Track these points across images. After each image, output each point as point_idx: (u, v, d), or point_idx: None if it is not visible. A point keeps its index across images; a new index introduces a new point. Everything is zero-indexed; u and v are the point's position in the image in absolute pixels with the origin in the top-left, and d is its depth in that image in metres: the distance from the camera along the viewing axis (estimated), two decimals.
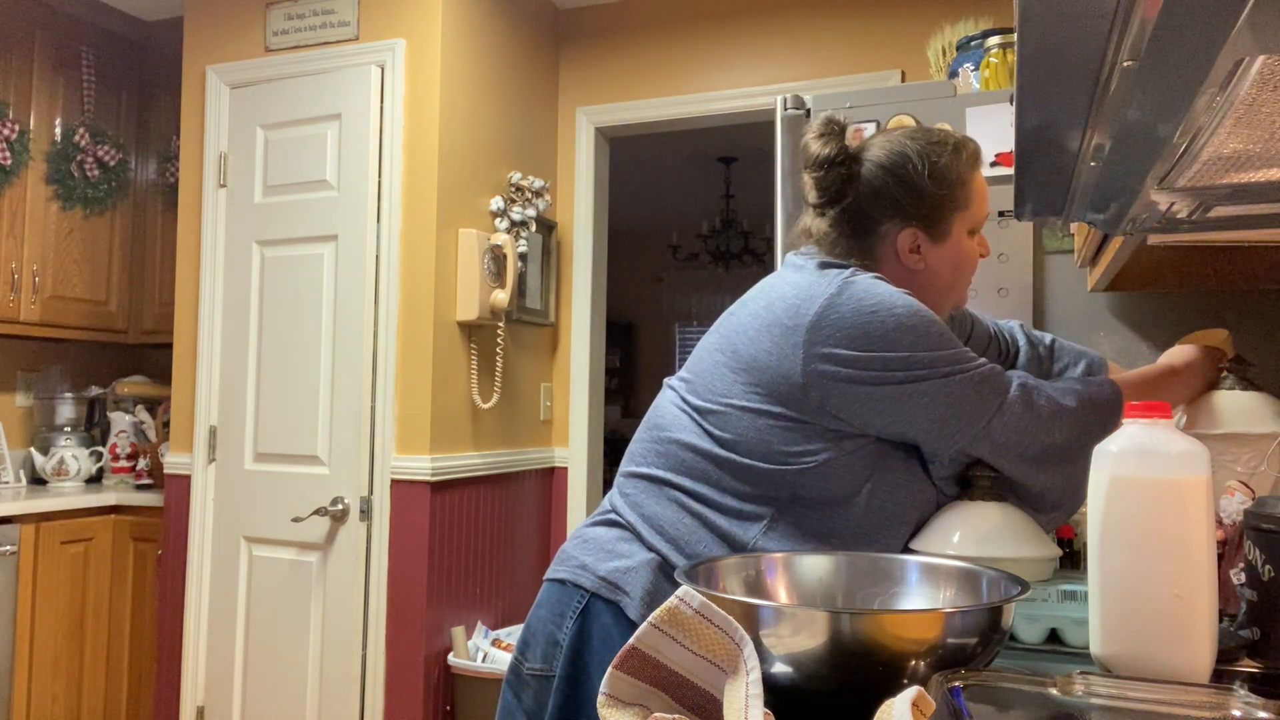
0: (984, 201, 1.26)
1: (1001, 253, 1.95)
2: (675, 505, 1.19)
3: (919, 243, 1.23)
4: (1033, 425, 1.14)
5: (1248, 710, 0.68)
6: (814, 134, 1.25)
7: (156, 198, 3.67)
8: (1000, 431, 1.14)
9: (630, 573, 1.18)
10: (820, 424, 1.15)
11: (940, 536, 1.21)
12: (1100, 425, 1.15)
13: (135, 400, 3.65)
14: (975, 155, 1.26)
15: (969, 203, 1.24)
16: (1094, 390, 1.18)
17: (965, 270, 1.27)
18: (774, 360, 1.16)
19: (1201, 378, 1.28)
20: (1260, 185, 0.82)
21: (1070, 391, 1.17)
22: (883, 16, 3.11)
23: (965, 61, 2.19)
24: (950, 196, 1.22)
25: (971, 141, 1.26)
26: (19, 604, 2.91)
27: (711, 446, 1.19)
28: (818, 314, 1.14)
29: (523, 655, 1.23)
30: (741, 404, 1.17)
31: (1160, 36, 0.55)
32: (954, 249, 1.24)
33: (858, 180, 1.24)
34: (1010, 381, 1.15)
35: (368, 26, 2.94)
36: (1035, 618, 1.07)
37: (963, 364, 1.15)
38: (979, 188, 1.25)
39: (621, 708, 0.72)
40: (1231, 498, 1.08)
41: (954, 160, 1.23)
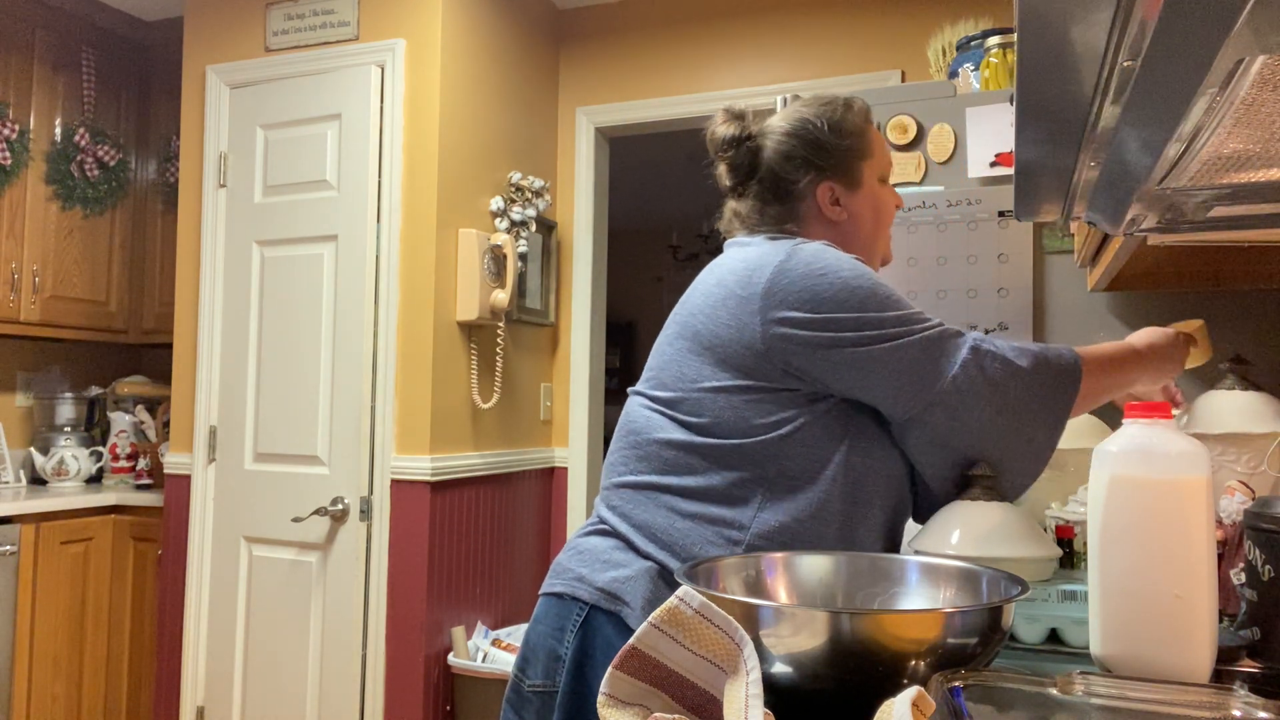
0: (885, 150, 1.33)
1: (1001, 253, 1.95)
2: (665, 509, 1.18)
3: (837, 194, 1.28)
4: (985, 388, 1.12)
5: (1248, 710, 0.68)
6: (717, 123, 1.34)
7: (156, 198, 3.67)
8: (953, 394, 1.12)
9: (629, 582, 1.16)
10: (788, 388, 1.16)
11: (940, 536, 1.21)
12: (1056, 389, 1.13)
13: (135, 400, 3.65)
14: (865, 110, 1.32)
15: (872, 150, 1.30)
16: (1051, 354, 1.15)
17: (884, 216, 1.32)
18: (733, 332, 1.17)
19: (1166, 361, 1.25)
20: (1260, 185, 0.82)
21: (1026, 353, 1.14)
22: (883, 16, 3.11)
23: (965, 61, 2.19)
24: (854, 146, 1.29)
25: (858, 99, 1.33)
26: (19, 604, 2.91)
27: (689, 436, 1.18)
28: (770, 279, 1.17)
29: (523, 672, 1.21)
30: (710, 384, 1.18)
31: (1160, 36, 0.55)
32: (870, 195, 1.30)
33: (765, 152, 1.30)
34: (963, 343, 1.14)
35: (368, 26, 2.94)
36: (1035, 618, 1.07)
37: (912, 325, 1.14)
38: (877, 137, 1.32)
39: (621, 708, 0.72)
40: (1231, 498, 1.08)
41: (848, 114, 1.30)
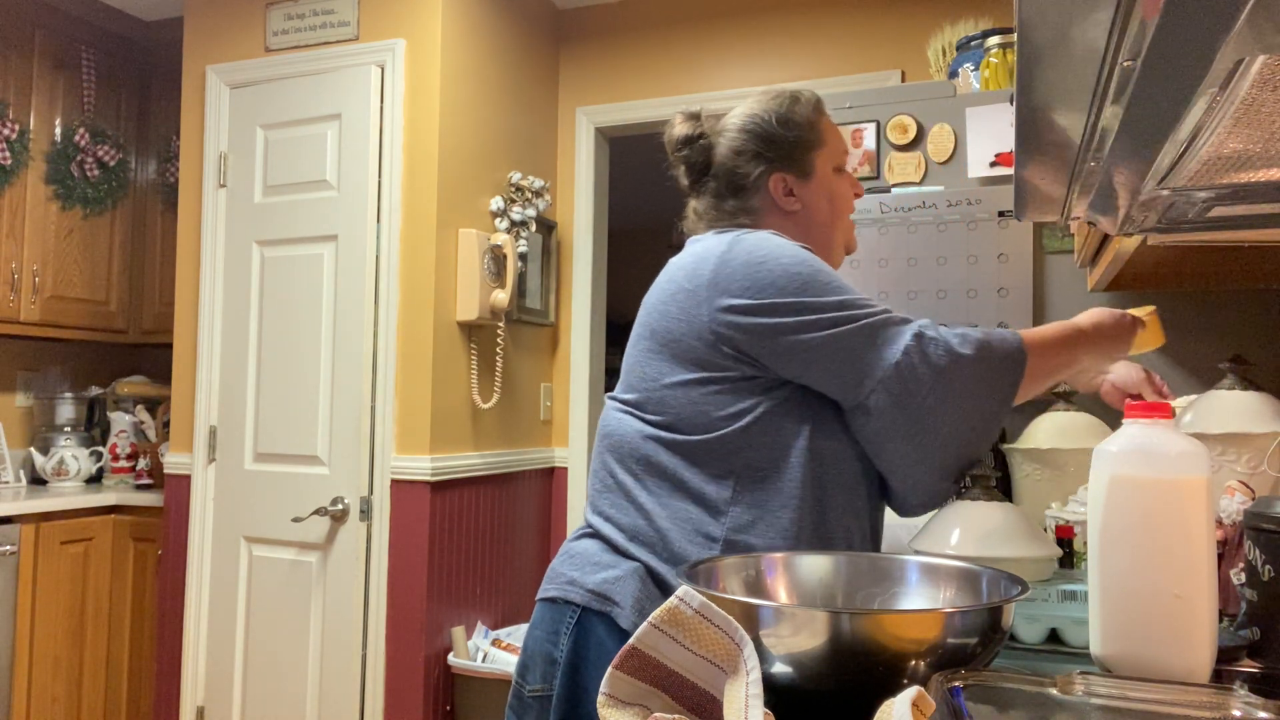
0: (839, 139, 1.34)
1: (1001, 253, 1.95)
2: (642, 510, 1.19)
3: (789, 185, 1.30)
4: (928, 375, 1.10)
5: (1248, 710, 0.68)
6: (674, 123, 1.36)
7: (156, 198, 3.67)
8: (895, 381, 1.11)
9: (618, 582, 1.18)
10: (745, 376, 1.17)
11: (940, 536, 1.21)
12: (1000, 374, 1.12)
13: (135, 400, 3.65)
14: (814, 101, 1.34)
15: (824, 140, 1.31)
16: (995, 339, 1.14)
17: (841, 204, 1.32)
18: (685, 325, 1.19)
19: (1112, 341, 1.23)
20: (1260, 185, 0.82)
21: (969, 340, 1.13)
22: (883, 16, 3.11)
23: (965, 61, 2.19)
24: (803, 137, 1.30)
25: (807, 92, 1.35)
26: (19, 604, 2.91)
27: (657, 434, 1.20)
28: (713, 269, 1.19)
29: (523, 678, 1.23)
30: (670, 381, 1.19)
31: (1160, 36, 0.55)
32: (823, 184, 1.31)
33: (718, 149, 1.33)
34: (906, 330, 1.13)
35: (368, 26, 2.94)
36: (1035, 618, 1.07)
37: (854, 310, 1.14)
38: (830, 128, 1.33)
39: (621, 708, 0.72)
40: (1231, 498, 1.08)
41: (795, 106, 1.32)
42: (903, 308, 2.00)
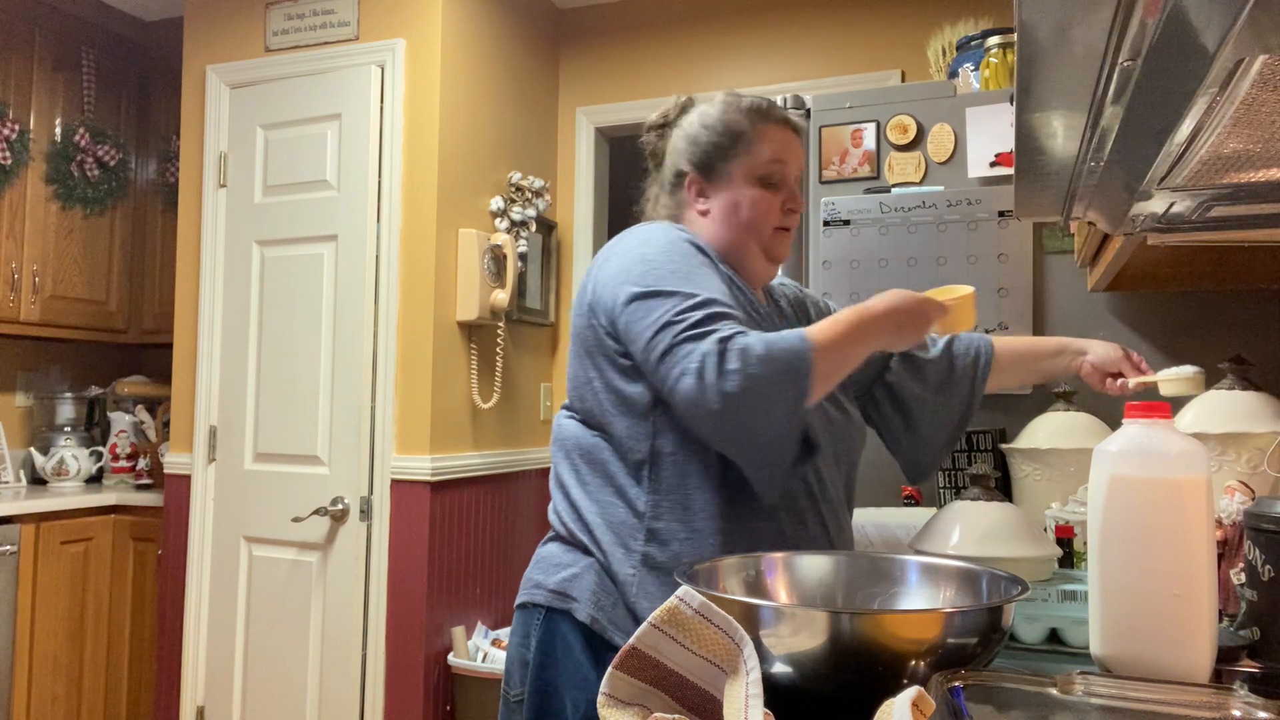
0: (774, 150, 1.31)
1: (1001, 253, 1.95)
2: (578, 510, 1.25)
3: (701, 187, 1.33)
4: (715, 398, 1.08)
5: (1248, 710, 0.68)
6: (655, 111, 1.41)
7: (156, 198, 3.67)
8: (685, 403, 1.10)
9: (575, 579, 1.23)
10: (631, 362, 1.21)
11: (940, 536, 1.21)
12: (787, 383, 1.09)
13: (135, 400, 3.65)
14: (755, 110, 1.32)
15: (748, 150, 1.31)
16: (779, 348, 1.10)
17: (755, 215, 1.30)
18: (583, 319, 1.26)
19: (907, 325, 1.19)
20: (1260, 185, 0.82)
21: (751, 355, 1.09)
22: (883, 16, 3.11)
23: (965, 61, 2.19)
24: (721, 143, 1.31)
25: (762, 100, 1.34)
26: (19, 604, 2.91)
27: (583, 431, 1.26)
28: (598, 263, 1.27)
29: (507, 685, 1.28)
30: (586, 376, 1.26)
31: (1160, 36, 0.55)
32: (733, 192, 1.31)
33: (668, 141, 1.38)
34: (696, 350, 1.10)
35: (368, 26, 2.94)
36: (1035, 618, 1.07)
37: (675, 312, 1.14)
38: (766, 139, 1.31)
39: (621, 708, 0.72)
40: (1231, 498, 1.08)
41: (729, 112, 1.33)
42: None
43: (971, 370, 1.47)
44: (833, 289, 2.06)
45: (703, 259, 1.22)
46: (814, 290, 2.08)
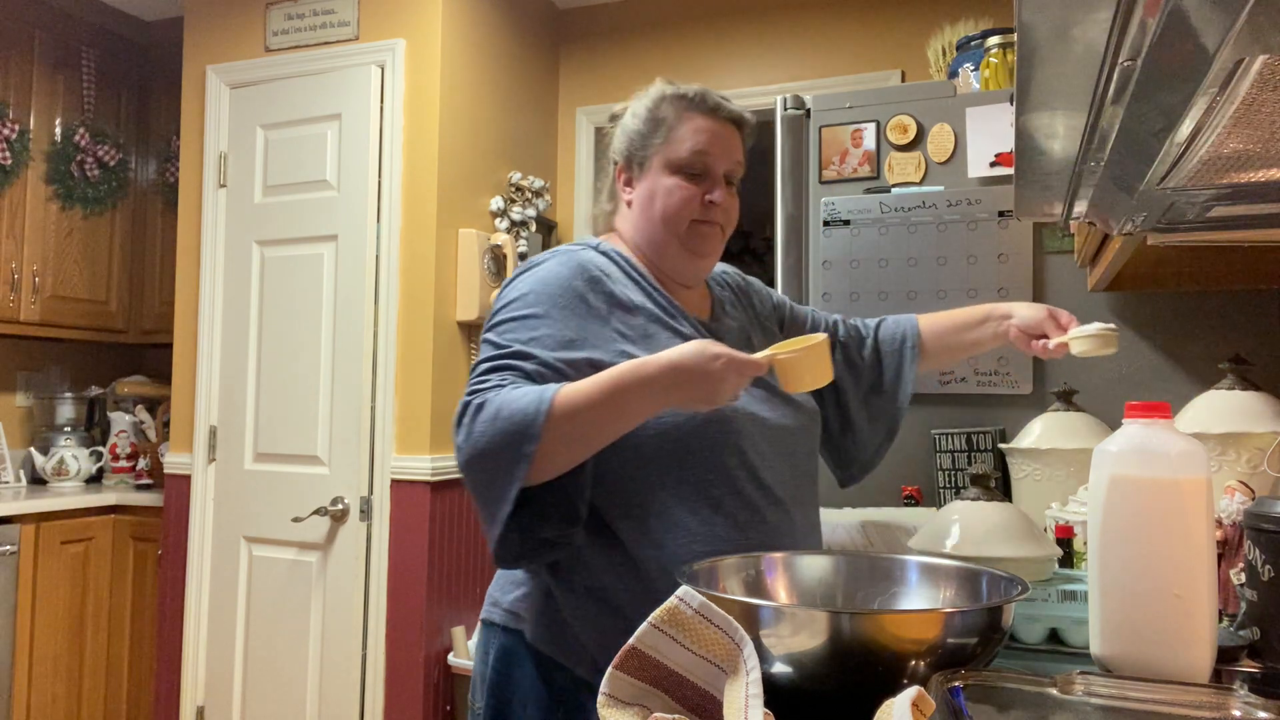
0: (692, 140, 1.26)
1: (1001, 253, 1.95)
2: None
3: (628, 177, 1.31)
4: (461, 456, 1.10)
5: (1248, 710, 0.68)
6: None
7: (156, 198, 3.67)
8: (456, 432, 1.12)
9: (525, 599, 1.22)
10: None
11: (940, 536, 1.21)
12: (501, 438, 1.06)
13: (135, 400, 3.65)
14: (685, 97, 1.28)
15: (668, 139, 1.27)
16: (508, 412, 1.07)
17: (668, 206, 1.25)
18: None
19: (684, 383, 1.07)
20: (1260, 185, 0.82)
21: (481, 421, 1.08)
22: (883, 16, 3.11)
23: (965, 61, 2.19)
24: (646, 131, 1.28)
25: (696, 89, 1.29)
26: (19, 604, 2.91)
27: None
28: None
29: (472, 698, 1.28)
30: None
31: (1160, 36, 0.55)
32: (651, 182, 1.27)
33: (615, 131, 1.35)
34: (478, 388, 1.11)
35: (368, 26, 2.94)
36: (1035, 618, 1.07)
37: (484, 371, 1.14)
38: (689, 128, 1.26)
39: (621, 708, 0.72)
40: (1231, 498, 1.08)
41: (661, 103, 1.29)
42: (903, 308, 2.00)
43: (898, 360, 1.44)
44: (833, 289, 2.06)
45: (573, 295, 1.18)
46: (814, 290, 2.08)
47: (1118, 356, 1.88)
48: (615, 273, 1.25)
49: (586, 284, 1.20)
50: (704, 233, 1.27)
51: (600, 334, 1.18)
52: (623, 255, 1.28)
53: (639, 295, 1.24)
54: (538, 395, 1.07)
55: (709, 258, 1.30)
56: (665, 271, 1.29)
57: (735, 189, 1.32)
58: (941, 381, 1.96)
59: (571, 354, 1.15)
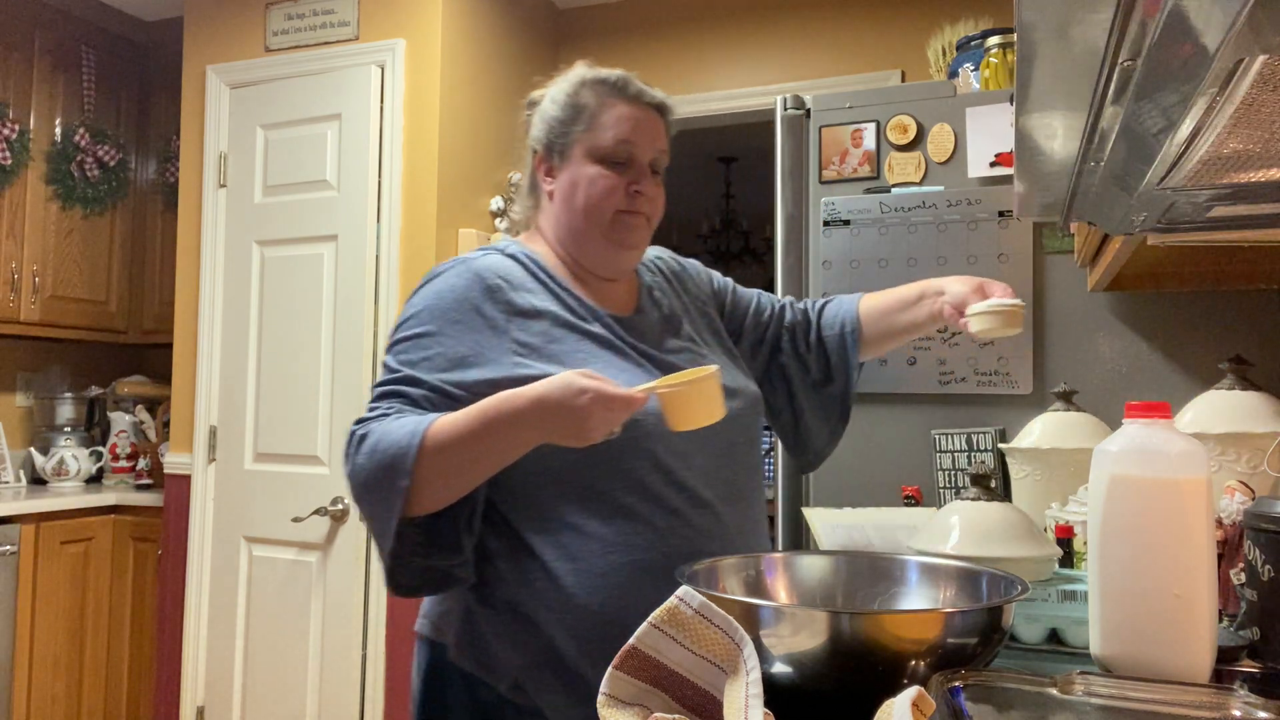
0: (615, 129, 1.21)
1: (1001, 253, 1.95)
2: None
3: (548, 167, 1.26)
4: (347, 470, 1.10)
5: (1248, 710, 0.68)
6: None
7: (156, 198, 3.67)
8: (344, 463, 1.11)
9: (449, 614, 1.20)
10: None
11: (940, 536, 1.21)
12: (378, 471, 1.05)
13: (135, 400, 3.65)
14: (606, 83, 1.23)
15: (589, 127, 1.21)
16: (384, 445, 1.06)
17: (591, 196, 1.21)
18: None
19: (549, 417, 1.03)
20: (1260, 185, 0.82)
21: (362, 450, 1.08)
22: (883, 16, 3.11)
23: (965, 61, 2.19)
24: (565, 118, 1.23)
25: (617, 74, 1.24)
26: (19, 604, 2.91)
27: None
28: None
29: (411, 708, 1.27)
30: None
31: (1160, 36, 0.55)
32: (573, 171, 1.22)
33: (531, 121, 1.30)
34: (368, 415, 1.11)
35: (368, 26, 2.94)
36: (1035, 618, 1.07)
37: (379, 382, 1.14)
38: (612, 115, 1.22)
39: (621, 708, 0.72)
40: (1231, 498, 1.08)
41: (576, 87, 1.24)
42: None
43: (840, 346, 1.37)
44: (833, 289, 2.06)
45: (467, 309, 1.14)
46: (814, 291, 2.08)
47: (1119, 357, 1.88)
48: (518, 277, 1.19)
49: (483, 294, 1.15)
50: (629, 223, 1.22)
51: (496, 348, 1.13)
52: (531, 256, 1.23)
53: (543, 299, 1.18)
54: (411, 429, 1.05)
55: (635, 249, 1.25)
56: (588, 266, 1.24)
57: (660, 178, 1.27)
58: (941, 381, 1.96)
59: (463, 374, 1.11)
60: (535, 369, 1.11)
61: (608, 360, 1.15)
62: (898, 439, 1.99)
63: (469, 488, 1.08)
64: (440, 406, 1.09)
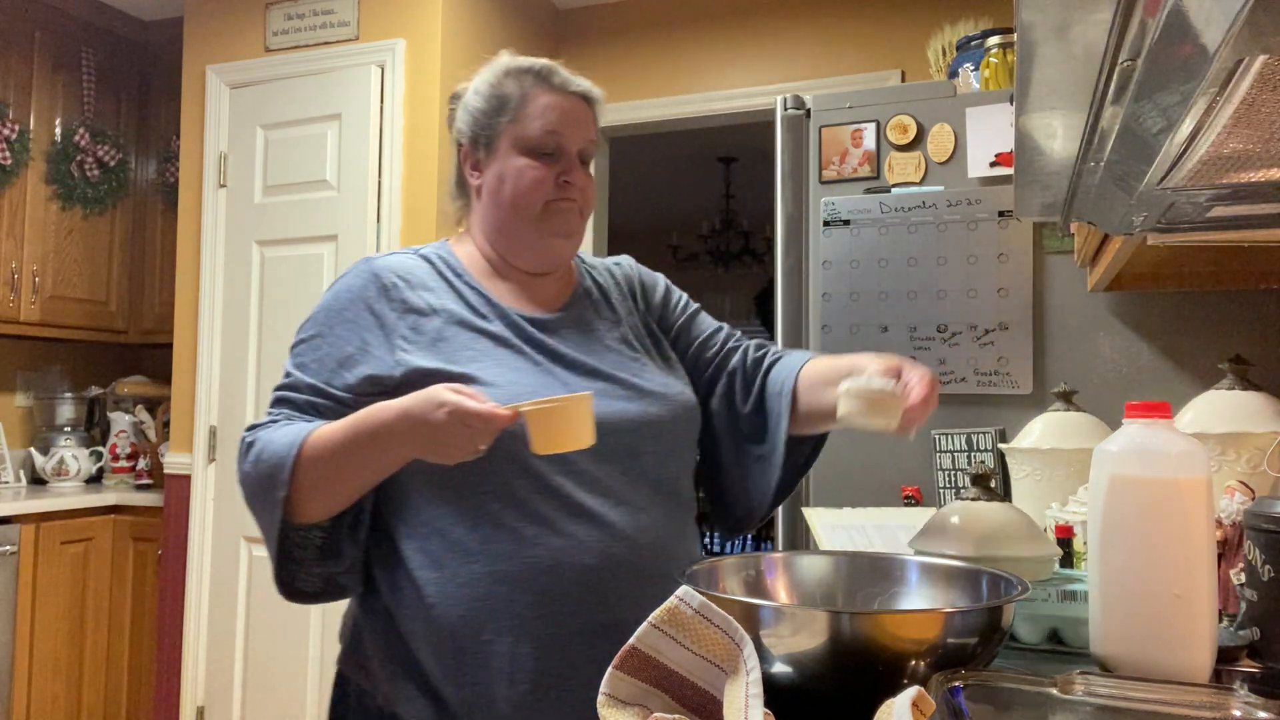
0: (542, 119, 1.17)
1: (1001, 253, 1.95)
2: None
3: (475, 160, 1.22)
4: (238, 478, 1.10)
5: (1248, 710, 0.68)
6: None
7: (156, 198, 3.67)
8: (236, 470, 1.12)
9: (344, 623, 1.21)
10: None
11: (940, 536, 1.21)
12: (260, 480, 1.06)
13: (135, 400, 3.65)
14: (531, 72, 1.20)
15: (515, 118, 1.18)
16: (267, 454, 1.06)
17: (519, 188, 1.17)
18: None
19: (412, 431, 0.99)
20: (1260, 185, 0.82)
21: (248, 456, 1.08)
22: (883, 16, 3.11)
23: (965, 61, 2.19)
24: (488, 110, 1.20)
25: (542, 63, 1.21)
26: (19, 604, 2.91)
27: None
28: None
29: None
30: None
31: (1160, 36, 0.55)
32: (500, 164, 1.18)
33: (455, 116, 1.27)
34: (260, 422, 1.11)
35: (368, 26, 2.94)
36: (1035, 618, 1.07)
37: (276, 386, 1.14)
38: (538, 105, 1.18)
39: (621, 708, 0.72)
40: (1231, 498, 1.08)
41: (500, 77, 1.20)
42: (903, 307, 2.00)
43: (776, 407, 1.23)
44: (832, 289, 2.06)
45: (360, 307, 1.13)
46: (814, 290, 2.08)
47: (1119, 357, 1.88)
48: (420, 276, 1.16)
49: (377, 292, 1.13)
50: (560, 209, 1.18)
51: (383, 345, 1.10)
52: (444, 257, 1.20)
53: (443, 298, 1.15)
54: (290, 440, 1.04)
55: (568, 239, 1.20)
56: (518, 261, 1.20)
57: (589, 168, 1.23)
58: (941, 381, 1.96)
59: (347, 374, 1.10)
60: (419, 366, 1.08)
61: (499, 358, 1.11)
62: (898, 439, 1.99)
63: (352, 496, 1.06)
64: (324, 410, 1.08)
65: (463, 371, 1.08)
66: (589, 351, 1.17)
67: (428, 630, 1.07)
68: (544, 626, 1.04)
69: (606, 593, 1.05)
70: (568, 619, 1.04)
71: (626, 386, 1.15)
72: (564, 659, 1.04)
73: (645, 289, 1.33)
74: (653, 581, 1.05)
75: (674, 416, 1.18)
